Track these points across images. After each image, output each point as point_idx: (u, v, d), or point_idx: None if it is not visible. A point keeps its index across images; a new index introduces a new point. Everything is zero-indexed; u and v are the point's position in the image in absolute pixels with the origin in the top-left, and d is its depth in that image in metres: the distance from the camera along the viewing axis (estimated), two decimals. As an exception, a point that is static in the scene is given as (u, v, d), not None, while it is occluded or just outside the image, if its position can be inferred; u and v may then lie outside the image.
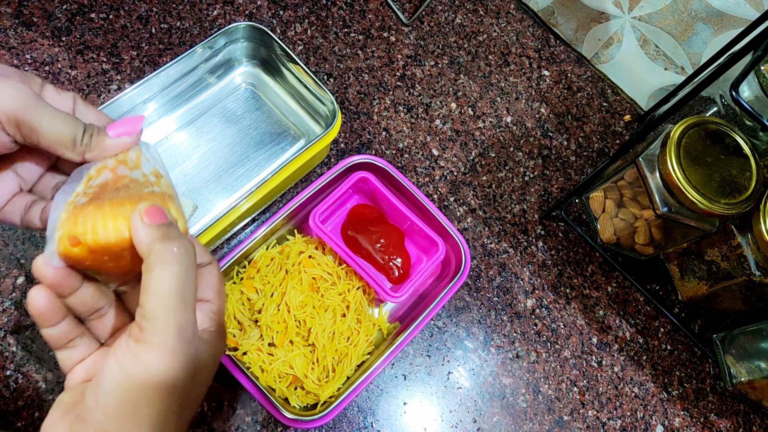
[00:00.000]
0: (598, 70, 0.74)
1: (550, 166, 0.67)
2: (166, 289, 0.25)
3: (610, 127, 0.70)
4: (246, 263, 0.54)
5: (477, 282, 0.60)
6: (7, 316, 0.52)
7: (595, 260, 0.63)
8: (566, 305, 0.61)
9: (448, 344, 0.57)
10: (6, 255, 0.54)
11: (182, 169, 0.59)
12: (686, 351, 0.61)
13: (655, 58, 0.75)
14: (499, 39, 0.73)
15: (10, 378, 0.50)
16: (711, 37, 0.77)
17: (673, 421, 0.58)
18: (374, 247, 0.56)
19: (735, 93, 0.38)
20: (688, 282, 0.57)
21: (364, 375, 0.49)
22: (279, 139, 0.62)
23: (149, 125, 0.60)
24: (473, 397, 0.56)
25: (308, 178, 0.62)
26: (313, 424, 0.47)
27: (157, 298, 0.25)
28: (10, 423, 0.49)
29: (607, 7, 0.77)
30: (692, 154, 0.47)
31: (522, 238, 0.63)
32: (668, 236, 0.54)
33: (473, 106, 0.69)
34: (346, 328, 0.52)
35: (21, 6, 0.64)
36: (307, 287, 0.52)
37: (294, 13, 0.70)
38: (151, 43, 0.65)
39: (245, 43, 0.62)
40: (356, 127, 0.65)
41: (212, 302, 0.31)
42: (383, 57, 0.69)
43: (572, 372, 0.58)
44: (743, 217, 0.49)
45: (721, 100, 0.52)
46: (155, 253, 0.25)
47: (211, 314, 0.30)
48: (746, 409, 0.60)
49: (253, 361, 0.50)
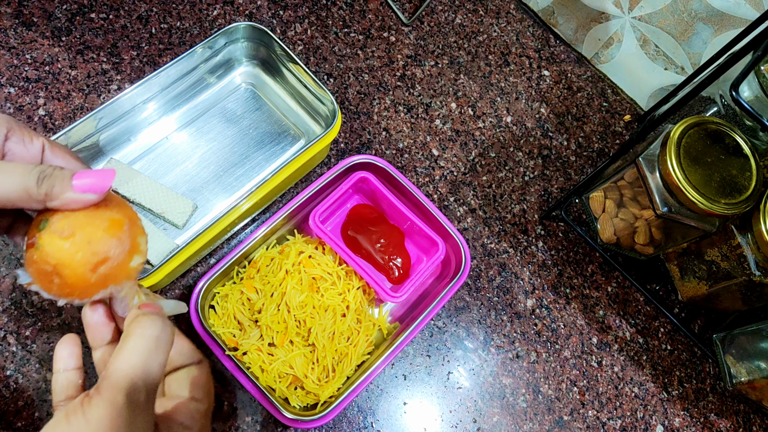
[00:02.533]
0: (598, 70, 0.74)
1: (550, 166, 0.67)
2: (132, 352, 0.26)
3: (610, 127, 0.70)
4: (246, 263, 0.54)
5: (477, 282, 0.60)
6: (7, 316, 0.52)
7: (595, 260, 0.63)
8: (566, 305, 0.61)
9: (448, 344, 0.57)
10: (6, 255, 0.54)
11: (182, 169, 0.59)
12: (686, 351, 0.61)
13: (655, 58, 0.75)
14: (499, 39, 0.73)
15: (10, 378, 0.50)
16: (711, 37, 0.77)
17: (673, 421, 0.58)
18: (374, 247, 0.56)
19: (735, 93, 0.38)
20: (688, 282, 0.57)
21: (364, 375, 0.49)
22: (279, 139, 0.62)
23: (149, 125, 0.60)
24: (473, 397, 0.56)
25: (308, 178, 0.62)
26: (313, 424, 0.47)
27: (121, 360, 0.26)
28: (10, 423, 0.49)
29: (607, 7, 0.77)
30: (692, 154, 0.47)
31: (522, 238, 0.63)
32: (668, 236, 0.54)
33: (473, 106, 0.69)
34: (346, 328, 0.52)
35: (21, 6, 0.64)
36: (307, 287, 0.52)
37: (294, 13, 0.70)
38: (151, 43, 0.65)
39: (245, 43, 0.62)
40: (356, 127, 0.65)
41: (201, 402, 0.31)
42: (383, 57, 0.69)
43: (572, 372, 0.58)
44: (743, 217, 0.49)
45: (721, 100, 0.52)
46: (135, 321, 0.28)
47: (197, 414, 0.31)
48: (746, 409, 0.60)
49: (253, 361, 0.50)
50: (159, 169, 0.59)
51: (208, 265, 0.57)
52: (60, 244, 0.30)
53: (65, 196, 0.28)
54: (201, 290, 0.50)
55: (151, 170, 0.58)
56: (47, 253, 0.30)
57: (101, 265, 0.32)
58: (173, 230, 0.56)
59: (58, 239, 0.30)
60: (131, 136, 0.59)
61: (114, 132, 0.57)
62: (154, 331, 0.27)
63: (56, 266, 0.30)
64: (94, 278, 0.31)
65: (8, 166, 0.28)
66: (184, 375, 0.32)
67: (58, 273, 0.30)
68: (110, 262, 0.32)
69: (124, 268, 0.32)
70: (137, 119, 0.58)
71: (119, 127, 0.57)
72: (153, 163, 0.59)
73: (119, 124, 0.57)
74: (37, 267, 0.30)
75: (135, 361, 0.26)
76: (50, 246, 0.30)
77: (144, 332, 0.27)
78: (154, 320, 0.28)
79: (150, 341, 0.27)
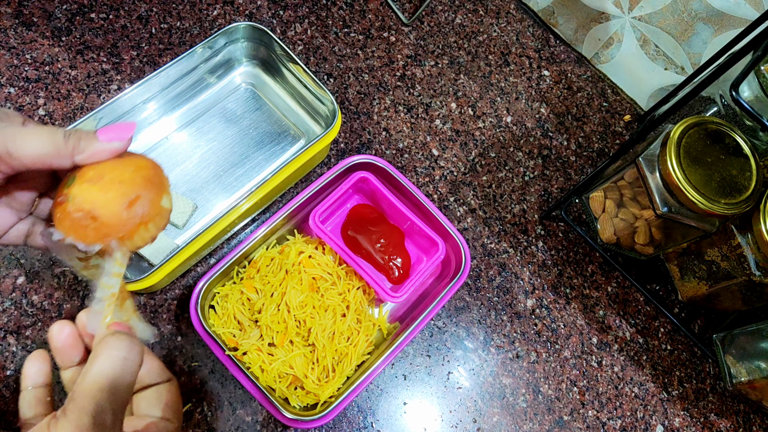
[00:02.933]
0: (598, 70, 0.74)
1: (550, 166, 0.67)
2: (98, 373, 0.26)
3: (610, 127, 0.70)
4: (246, 263, 0.54)
5: (477, 282, 0.60)
6: (7, 316, 0.52)
7: (595, 260, 0.63)
8: (566, 305, 0.61)
9: (448, 344, 0.57)
10: (6, 255, 0.54)
11: (182, 169, 0.59)
12: (686, 351, 0.61)
13: (655, 58, 0.75)
14: (499, 39, 0.73)
15: (10, 378, 0.50)
16: (711, 37, 0.77)
17: (673, 421, 0.58)
18: (374, 247, 0.56)
19: (735, 93, 0.38)
20: (688, 282, 0.57)
21: (364, 375, 0.49)
22: (279, 139, 0.62)
23: (149, 125, 0.60)
24: (473, 397, 0.56)
25: (308, 178, 0.62)
26: (313, 424, 0.47)
27: (87, 381, 0.26)
28: (10, 423, 0.49)
29: (607, 7, 0.77)
30: (692, 154, 0.47)
31: (522, 238, 0.63)
32: (668, 236, 0.54)
33: (473, 106, 0.69)
34: (346, 328, 0.52)
35: (21, 6, 0.64)
36: (307, 287, 0.52)
37: (294, 13, 0.70)
38: (151, 43, 0.65)
39: (245, 42, 0.62)
40: (356, 127, 0.65)
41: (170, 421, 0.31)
42: (383, 57, 0.69)
43: (572, 372, 0.58)
44: (743, 217, 0.49)
45: (721, 100, 0.52)
46: (103, 341, 0.27)
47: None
48: (746, 409, 0.60)
49: (253, 361, 0.50)
50: (159, 169, 0.59)
51: (208, 265, 0.57)
52: (91, 189, 0.31)
53: (93, 147, 0.29)
54: (201, 290, 0.50)
55: (151, 170, 0.58)
56: (80, 201, 0.31)
57: (134, 203, 0.32)
58: (173, 230, 0.56)
59: (89, 185, 0.31)
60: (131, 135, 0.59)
61: (114, 132, 0.57)
62: (121, 351, 0.27)
63: (91, 209, 0.30)
64: (129, 215, 0.31)
65: (36, 128, 0.29)
66: (154, 394, 0.32)
67: (94, 216, 0.31)
68: (143, 200, 0.32)
69: (156, 206, 0.32)
70: (137, 119, 0.58)
71: (119, 127, 0.57)
72: (153, 163, 0.59)
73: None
74: (71, 218, 0.31)
75: (101, 382, 0.26)
76: (82, 193, 0.31)
77: (111, 353, 0.27)
78: (123, 340, 0.28)
79: (117, 362, 0.27)
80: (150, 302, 0.55)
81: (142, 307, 0.54)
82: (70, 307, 0.53)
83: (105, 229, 0.32)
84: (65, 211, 0.31)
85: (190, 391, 0.52)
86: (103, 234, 0.32)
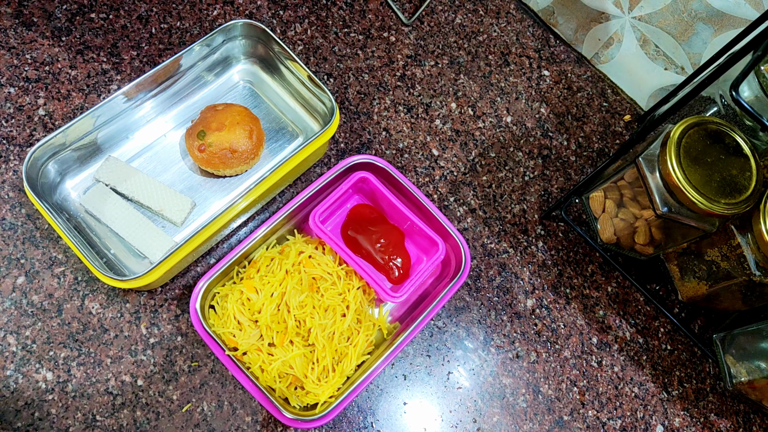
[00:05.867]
0: (598, 70, 0.74)
1: (550, 166, 0.67)
2: None
3: (610, 127, 0.70)
4: (246, 263, 0.54)
5: (477, 282, 0.60)
6: (7, 316, 0.52)
7: (595, 260, 0.63)
8: (566, 305, 0.61)
9: (448, 344, 0.57)
10: (6, 255, 0.54)
11: (180, 167, 0.59)
12: (686, 351, 0.61)
13: (655, 58, 0.75)
14: (499, 39, 0.73)
15: (10, 378, 0.50)
16: (711, 37, 0.77)
17: (673, 421, 0.58)
18: (374, 247, 0.56)
19: (735, 93, 0.38)
20: (688, 282, 0.57)
21: (364, 375, 0.49)
22: (277, 137, 0.62)
23: (147, 123, 0.60)
24: (473, 397, 0.56)
25: (308, 178, 0.62)
26: (313, 424, 0.47)
27: None
28: (10, 423, 0.49)
29: (607, 7, 0.77)
30: (692, 154, 0.47)
31: (522, 238, 0.63)
32: (668, 236, 0.54)
33: (473, 106, 0.69)
34: (346, 328, 0.52)
35: (21, 6, 0.64)
36: (307, 287, 0.52)
37: (294, 13, 0.70)
38: (151, 43, 0.65)
39: (243, 40, 0.62)
40: (356, 127, 0.65)
41: None
42: (383, 57, 0.69)
43: (572, 372, 0.58)
44: (743, 217, 0.49)
45: (721, 100, 0.52)
46: None
47: None
48: (746, 409, 0.60)
49: (253, 361, 0.50)
50: (157, 166, 0.59)
51: (208, 265, 0.57)
52: (222, 134, 0.53)
53: None
54: (201, 290, 0.50)
55: (149, 168, 0.58)
56: (220, 142, 0.53)
57: (253, 133, 0.55)
58: (171, 228, 0.56)
59: (219, 133, 0.53)
60: (129, 133, 0.59)
61: (112, 130, 0.57)
62: None
63: (230, 146, 0.53)
64: (254, 142, 0.55)
65: None
66: None
67: (233, 149, 0.54)
68: (256, 130, 0.56)
69: (261, 131, 0.57)
70: (135, 117, 0.58)
71: (117, 124, 0.57)
72: (151, 160, 0.59)
73: (117, 122, 0.57)
74: (216, 156, 0.54)
75: None
76: (218, 139, 0.53)
77: None
78: None
79: None
80: (150, 302, 0.54)
81: (142, 306, 0.54)
82: (70, 306, 0.53)
83: (244, 154, 0.55)
84: (211, 153, 0.53)
85: (190, 391, 0.52)
86: (243, 159, 0.55)
